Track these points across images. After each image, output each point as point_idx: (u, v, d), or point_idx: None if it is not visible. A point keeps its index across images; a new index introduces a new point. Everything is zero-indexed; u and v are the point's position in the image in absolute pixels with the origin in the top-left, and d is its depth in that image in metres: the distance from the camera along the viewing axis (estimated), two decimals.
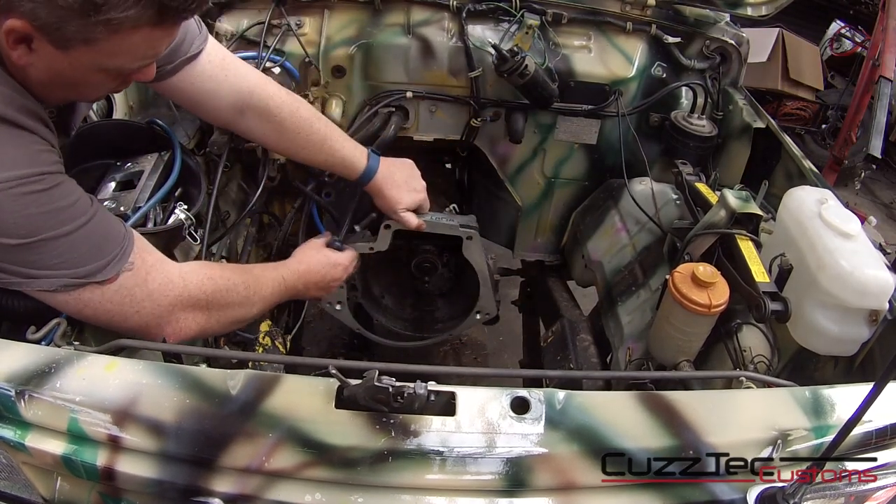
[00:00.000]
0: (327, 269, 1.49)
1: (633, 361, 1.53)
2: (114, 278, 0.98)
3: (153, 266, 1.05)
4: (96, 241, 0.97)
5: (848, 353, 1.25)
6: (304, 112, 1.44)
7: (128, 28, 0.87)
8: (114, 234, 1.00)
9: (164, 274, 1.07)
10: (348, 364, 0.88)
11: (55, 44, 0.87)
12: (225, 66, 1.32)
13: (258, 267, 1.33)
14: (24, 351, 0.89)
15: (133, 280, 1.01)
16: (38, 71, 0.91)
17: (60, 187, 0.93)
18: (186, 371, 0.88)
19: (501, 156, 2.02)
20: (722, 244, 1.40)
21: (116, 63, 0.94)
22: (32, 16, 0.84)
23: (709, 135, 1.81)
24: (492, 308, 1.84)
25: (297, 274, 1.40)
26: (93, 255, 0.96)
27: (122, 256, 0.99)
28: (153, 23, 0.89)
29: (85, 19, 0.84)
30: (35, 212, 0.89)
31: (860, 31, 5.50)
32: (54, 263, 0.92)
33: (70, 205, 0.94)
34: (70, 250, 0.93)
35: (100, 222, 0.98)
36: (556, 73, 1.81)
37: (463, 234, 1.71)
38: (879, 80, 3.58)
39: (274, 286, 1.30)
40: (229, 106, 1.35)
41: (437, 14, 1.81)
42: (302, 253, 1.49)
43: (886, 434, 0.92)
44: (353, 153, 1.52)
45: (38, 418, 0.85)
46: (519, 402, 0.88)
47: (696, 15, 1.87)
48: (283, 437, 0.83)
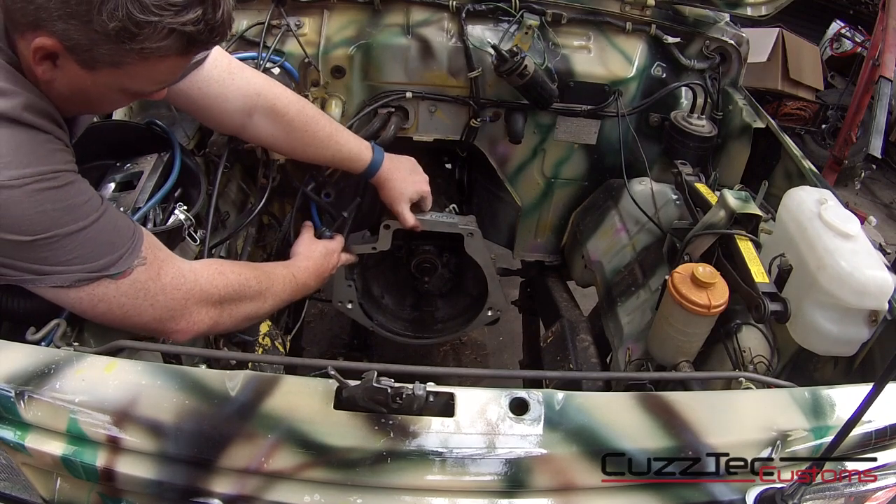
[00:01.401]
0: (326, 258, 1.53)
1: (633, 362, 1.53)
2: (127, 272, 1.00)
3: (165, 261, 1.07)
4: (108, 237, 0.98)
5: (847, 354, 1.25)
6: (309, 110, 1.47)
7: (157, 56, 0.90)
8: (124, 230, 1.01)
9: (176, 269, 1.08)
10: (347, 365, 0.88)
11: (82, 64, 0.90)
12: (231, 70, 1.35)
13: (269, 265, 1.35)
14: (23, 352, 0.89)
15: (146, 274, 1.02)
16: (60, 86, 0.94)
17: (74, 185, 0.95)
18: (186, 372, 0.89)
19: (501, 156, 2.02)
20: (721, 244, 1.40)
21: (138, 86, 0.98)
22: (64, 36, 0.86)
23: (708, 135, 1.81)
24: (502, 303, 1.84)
25: (307, 271, 1.44)
26: (105, 249, 0.97)
27: (134, 250, 1.01)
28: (180, 53, 0.93)
29: (118, 45, 0.87)
30: (50, 208, 0.90)
31: (860, 31, 5.51)
32: (68, 259, 0.94)
33: (83, 202, 0.95)
34: (83, 245, 0.95)
35: (110, 218, 0.99)
36: (556, 73, 1.81)
37: (464, 231, 1.71)
38: (879, 80, 3.58)
39: (286, 283, 1.32)
40: (237, 109, 1.37)
41: (437, 14, 1.81)
42: (304, 248, 1.52)
43: (886, 434, 0.92)
44: (358, 147, 1.56)
45: (38, 419, 0.85)
46: (518, 402, 0.88)
47: (696, 15, 1.86)
48: (282, 437, 0.83)
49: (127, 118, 1.63)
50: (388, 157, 1.61)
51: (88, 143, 1.31)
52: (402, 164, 1.65)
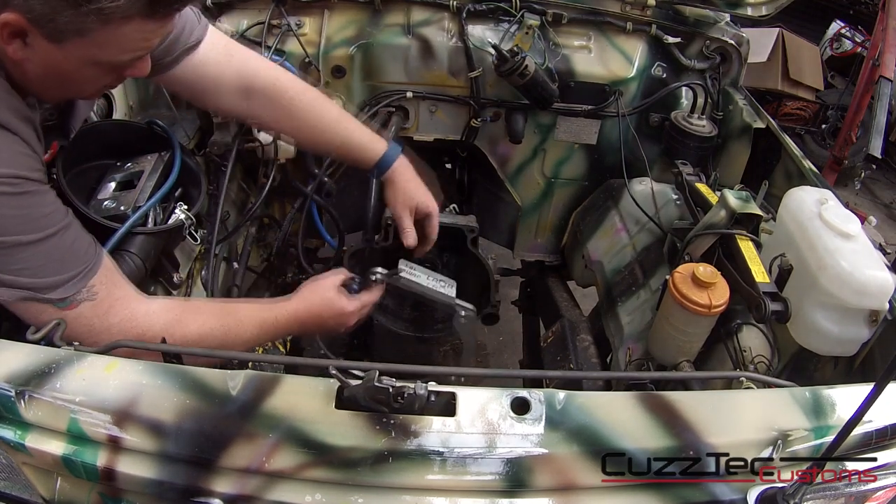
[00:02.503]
0: (329, 314, 1.30)
1: (634, 362, 1.53)
2: (73, 305, 0.96)
3: (118, 300, 1.02)
4: (60, 254, 0.95)
5: (848, 354, 1.25)
6: (312, 93, 1.40)
7: (119, 18, 0.87)
8: (81, 252, 0.98)
9: (129, 311, 1.03)
10: (348, 364, 0.88)
11: (49, 37, 0.88)
12: (228, 51, 1.31)
13: (248, 307, 1.21)
14: (24, 351, 0.89)
15: (93, 311, 0.99)
16: (34, 66, 0.92)
17: (35, 195, 0.92)
18: (186, 371, 0.88)
19: (501, 156, 2.02)
20: (722, 244, 1.40)
21: (109, 55, 0.94)
22: (26, 8, 0.84)
23: (709, 135, 1.81)
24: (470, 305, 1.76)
25: (294, 316, 1.24)
26: (54, 268, 0.94)
27: (83, 277, 0.97)
28: (144, 14, 0.89)
29: (76, 9, 0.85)
30: (5, 213, 0.88)
31: (860, 31, 5.51)
32: (15, 269, 0.91)
33: (42, 215, 0.93)
34: (32, 258, 0.92)
35: (67, 238, 0.96)
36: (556, 73, 1.81)
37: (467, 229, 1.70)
38: (879, 80, 3.58)
39: (261, 329, 1.18)
40: (234, 90, 1.32)
41: (437, 14, 1.81)
42: (308, 291, 1.31)
43: (887, 434, 0.92)
44: (370, 136, 1.46)
45: (38, 419, 0.85)
46: (519, 402, 0.87)
47: (696, 15, 1.87)
48: (283, 437, 0.83)
49: (127, 117, 1.64)
50: (404, 159, 1.50)
51: (89, 142, 1.31)
52: (419, 170, 1.53)
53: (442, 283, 1.53)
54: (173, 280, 1.39)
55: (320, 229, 1.87)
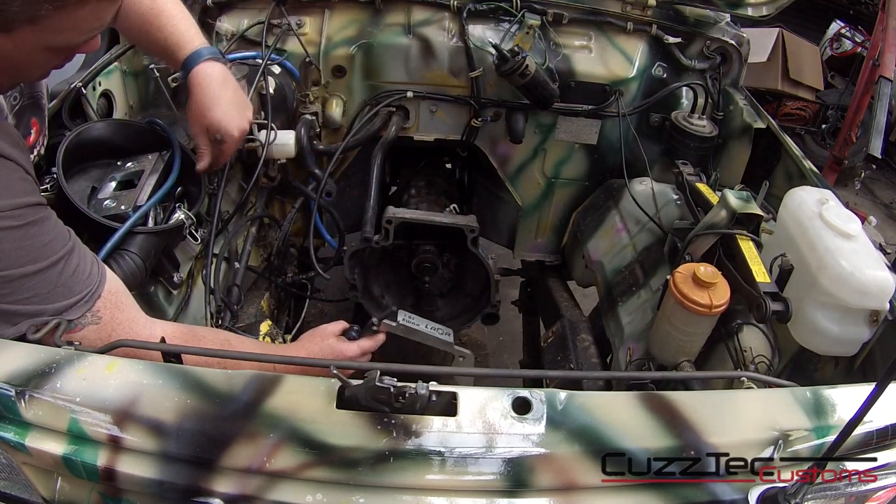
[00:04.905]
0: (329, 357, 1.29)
1: (634, 362, 1.53)
2: (78, 329, 0.97)
3: (121, 324, 1.03)
4: (66, 280, 0.95)
5: (848, 354, 1.25)
6: None
7: (73, 3, 0.83)
8: (85, 276, 0.98)
9: (132, 335, 1.03)
10: (349, 364, 0.88)
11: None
12: None
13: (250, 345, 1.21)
14: (24, 351, 0.89)
15: (96, 335, 0.99)
16: None
17: (37, 224, 0.91)
18: (187, 371, 0.88)
19: (502, 156, 2.02)
20: (723, 244, 1.40)
21: (63, 40, 0.89)
22: None
23: (709, 135, 1.81)
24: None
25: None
26: (62, 293, 0.94)
27: (89, 299, 0.97)
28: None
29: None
30: (8, 247, 0.88)
31: (860, 31, 5.51)
32: (24, 299, 0.91)
33: (45, 243, 0.92)
34: (40, 286, 0.92)
35: (71, 262, 0.96)
36: (557, 73, 1.81)
37: (467, 229, 1.70)
38: (879, 80, 3.58)
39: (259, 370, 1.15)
40: None
41: (438, 14, 1.81)
42: (308, 338, 1.32)
43: (887, 434, 0.92)
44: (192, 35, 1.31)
45: (39, 418, 0.85)
46: (520, 402, 0.87)
47: (697, 15, 1.87)
48: (284, 437, 0.83)
49: (127, 117, 1.64)
50: (217, 67, 1.32)
51: (89, 142, 1.31)
52: (231, 85, 1.34)
53: (440, 331, 1.52)
54: (173, 280, 1.39)
55: (320, 229, 1.87)
